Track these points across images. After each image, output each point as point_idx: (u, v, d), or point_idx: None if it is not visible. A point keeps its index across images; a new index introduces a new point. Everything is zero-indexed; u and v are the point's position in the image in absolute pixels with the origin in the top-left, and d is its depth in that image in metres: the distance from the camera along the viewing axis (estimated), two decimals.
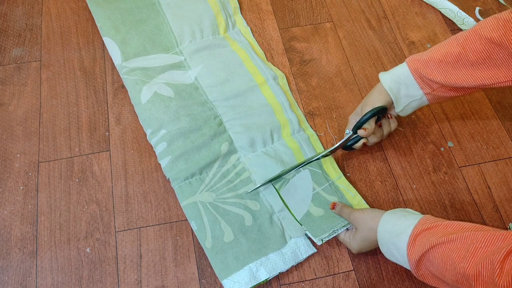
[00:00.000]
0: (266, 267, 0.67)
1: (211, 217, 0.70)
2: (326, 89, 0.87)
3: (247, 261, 0.67)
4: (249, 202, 0.72)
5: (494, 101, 0.87)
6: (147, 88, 0.81)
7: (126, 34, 0.87)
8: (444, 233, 0.54)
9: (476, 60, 0.62)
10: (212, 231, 0.69)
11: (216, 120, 0.79)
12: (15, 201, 0.73)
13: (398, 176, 0.78)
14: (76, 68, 0.87)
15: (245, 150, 0.77)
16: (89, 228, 0.71)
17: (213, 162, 0.75)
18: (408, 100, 0.70)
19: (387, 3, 0.99)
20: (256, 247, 0.69)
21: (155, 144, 0.76)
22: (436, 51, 0.66)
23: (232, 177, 0.75)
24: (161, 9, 0.91)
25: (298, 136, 0.80)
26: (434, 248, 0.53)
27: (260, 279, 0.66)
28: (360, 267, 0.70)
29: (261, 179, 0.74)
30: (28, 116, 0.81)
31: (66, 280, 0.67)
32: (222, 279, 0.66)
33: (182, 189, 0.73)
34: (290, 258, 0.68)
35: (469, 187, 0.78)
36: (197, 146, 0.76)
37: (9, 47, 0.89)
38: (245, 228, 0.70)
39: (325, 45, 0.92)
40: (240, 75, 0.85)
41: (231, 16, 0.93)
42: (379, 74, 0.71)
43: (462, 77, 0.64)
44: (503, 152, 0.81)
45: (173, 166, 0.74)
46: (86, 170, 0.76)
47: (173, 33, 0.88)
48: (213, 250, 0.68)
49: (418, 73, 0.67)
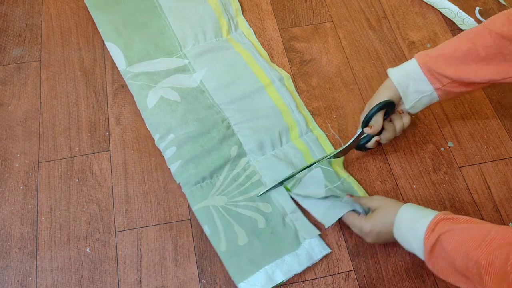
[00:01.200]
0: (281, 269, 0.67)
1: (224, 220, 0.70)
2: (326, 89, 0.87)
3: (263, 264, 0.67)
4: (260, 205, 0.72)
5: (494, 101, 0.87)
6: (153, 92, 0.80)
7: (128, 39, 0.87)
8: (465, 222, 0.54)
9: (486, 55, 0.62)
10: (225, 234, 0.69)
11: (224, 123, 0.79)
12: (15, 201, 0.73)
13: (398, 176, 0.78)
14: (76, 68, 0.87)
15: (254, 153, 0.77)
16: (89, 228, 0.71)
17: (223, 166, 0.75)
18: (418, 96, 0.69)
19: (387, 3, 0.99)
20: (270, 249, 0.68)
21: (164, 149, 0.76)
22: (446, 46, 0.66)
23: (242, 180, 0.75)
24: (162, 12, 0.91)
25: (306, 137, 0.80)
26: (450, 233, 0.53)
27: (276, 281, 0.66)
28: (360, 267, 0.70)
29: (271, 181, 0.74)
30: (28, 116, 0.81)
31: (66, 280, 0.67)
32: (238, 283, 0.66)
33: (193, 194, 0.73)
34: (305, 259, 0.68)
35: (469, 187, 0.78)
36: (206, 150, 0.76)
37: (9, 47, 0.89)
38: (258, 231, 0.70)
39: (325, 45, 0.92)
40: (245, 77, 0.84)
41: (233, 18, 0.93)
42: (387, 70, 0.71)
43: (472, 72, 0.63)
44: (503, 152, 0.81)
45: (183, 170, 0.74)
46: (86, 170, 0.76)
47: (176, 36, 0.88)
48: (227, 253, 0.68)
49: (427, 68, 0.67)
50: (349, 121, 0.83)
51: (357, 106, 0.85)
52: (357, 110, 0.84)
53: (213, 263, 0.69)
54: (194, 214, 0.72)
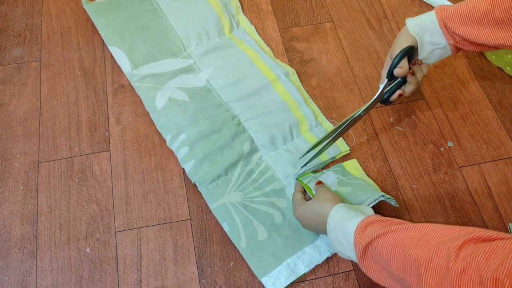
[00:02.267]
0: (303, 261, 0.68)
1: (243, 217, 0.71)
2: (326, 89, 0.87)
3: (284, 257, 0.68)
4: (276, 200, 0.73)
5: (494, 101, 0.87)
6: (161, 94, 0.81)
7: (132, 42, 0.87)
8: (397, 223, 0.53)
9: (502, 20, 0.62)
10: (245, 230, 0.70)
11: (234, 120, 0.80)
12: (15, 201, 0.73)
13: (398, 176, 0.78)
14: (76, 68, 0.86)
15: (266, 149, 0.78)
16: (89, 228, 0.71)
17: (237, 162, 0.76)
18: (432, 47, 0.69)
19: (387, 3, 0.99)
20: (290, 242, 0.69)
21: (177, 149, 0.76)
22: (466, 4, 0.66)
23: (256, 176, 0.75)
24: (163, 14, 0.91)
25: (316, 130, 0.81)
26: (385, 235, 0.51)
27: (299, 273, 0.67)
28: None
29: (285, 176, 0.75)
30: (28, 116, 0.81)
31: (66, 280, 0.67)
32: (261, 277, 0.67)
33: (210, 192, 0.73)
34: (325, 249, 0.69)
35: (469, 187, 0.77)
36: (219, 147, 0.76)
37: (9, 47, 0.89)
38: (276, 226, 0.71)
39: (325, 45, 0.92)
40: (251, 74, 0.85)
41: (234, 16, 0.93)
42: (406, 20, 0.71)
43: (485, 35, 0.64)
44: (503, 152, 0.81)
45: (198, 169, 0.74)
46: (86, 170, 0.76)
47: (179, 37, 0.88)
48: (248, 249, 0.69)
49: (443, 22, 0.67)
50: None
51: (357, 106, 0.85)
52: None
53: (213, 263, 0.69)
54: (193, 214, 0.72)
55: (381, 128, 0.83)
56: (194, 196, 0.75)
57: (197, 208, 0.74)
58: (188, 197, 0.74)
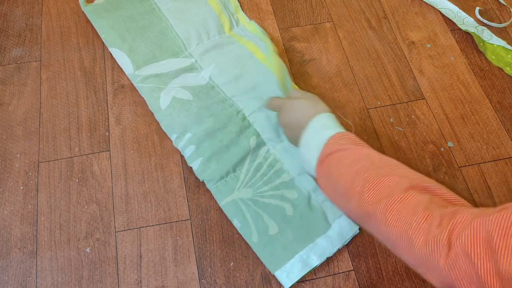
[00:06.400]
0: (315, 253, 0.68)
1: (253, 212, 0.71)
2: (326, 89, 0.87)
3: (296, 250, 0.68)
4: (286, 192, 0.73)
5: (494, 101, 0.87)
6: (164, 94, 0.81)
7: (132, 42, 0.86)
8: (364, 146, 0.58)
9: None
10: (256, 226, 0.70)
11: (239, 115, 0.80)
12: (15, 201, 0.73)
13: None
14: (76, 68, 0.87)
15: (273, 141, 0.78)
16: (89, 228, 0.71)
17: (244, 158, 0.76)
18: None
19: (387, 3, 0.99)
20: (302, 235, 0.69)
21: (183, 148, 0.76)
22: None
23: (265, 169, 0.75)
24: (162, 14, 0.91)
25: None
26: (341, 151, 0.56)
27: (312, 265, 0.67)
28: (360, 267, 0.70)
29: (293, 168, 0.75)
30: (28, 116, 0.81)
31: (66, 280, 0.67)
32: (274, 271, 0.67)
33: (219, 189, 0.73)
34: (337, 240, 0.69)
35: (469, 187, 0.78)
36: (225, 144, 0.76)
37: (9, 47, 0.89)
38: (287, 218, 0.71)
39: (325, 45, 0.92)
40: (253, 67, 0.85)
41: (233, 15, 0.94)
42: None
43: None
44: (503, 152, 0.81)
45: (205, 167, 0.74)
46: (86, 170, 0.76)
47: (179, 37, 0.88)
48: (260, 244, 0.69)
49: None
50: (349, 121, 0.83)
51: (357, 106, 0.85)
52: (357, 110, 0.84)
53: (213, 263, 0.69)
54: (193, 214, 0.72)
55: (381, 128, 0.83)
56: (194, 196, 0.75)
57: (197, 208, 0.74)
58: (188, 197, 0.75)
